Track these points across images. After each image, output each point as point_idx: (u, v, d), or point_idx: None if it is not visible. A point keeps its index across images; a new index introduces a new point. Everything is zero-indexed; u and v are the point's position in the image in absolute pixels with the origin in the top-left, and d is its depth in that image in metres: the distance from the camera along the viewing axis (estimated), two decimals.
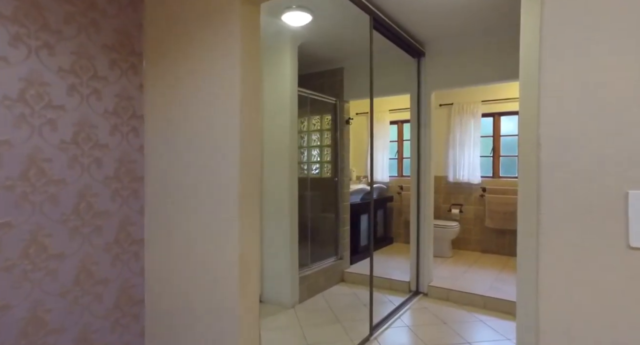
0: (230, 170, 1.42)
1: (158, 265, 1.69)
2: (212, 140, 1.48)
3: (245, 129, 1.42)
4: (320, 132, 4.10)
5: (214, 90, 1.47)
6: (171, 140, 1.62)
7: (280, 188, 3.14)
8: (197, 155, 1.54)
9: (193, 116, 1.55)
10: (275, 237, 3.18)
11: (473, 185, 4.84)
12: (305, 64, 4.01)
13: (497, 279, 3.61)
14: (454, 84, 3.33)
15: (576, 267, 0.78)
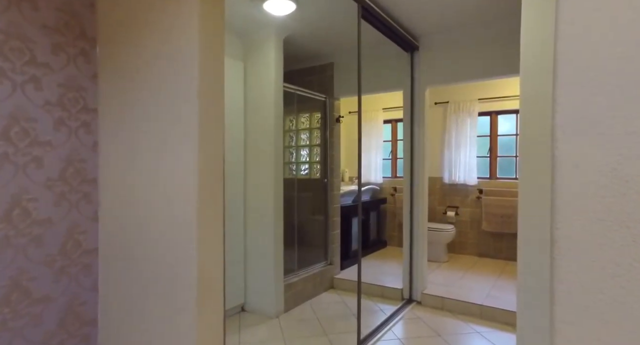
0: (186, 169, 1.22)
1: (115, 279, 1.48)
2: (169, 136, 1.28)
3: (205, 122, 1.22)
4: (309, 131, 3.90)
5: (171, 79, 1.27)
6: (129, 136, 1.42)
7: (265, 190, 2.94)
8: (154, 153, 1.34)
9: (149, 109, 1.35)
10: (258, 242, 2.98)
11: (469, 186, 4.66)
12: (293, 59, 3.81)
13: (494, 286, 3.43)
14: (450, 79, 3.14)
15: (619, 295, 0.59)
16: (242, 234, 3.01)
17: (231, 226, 2.92)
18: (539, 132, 1.88)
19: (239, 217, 2.98)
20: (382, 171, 5.22)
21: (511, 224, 4.32)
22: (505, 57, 2.89)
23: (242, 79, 3.00)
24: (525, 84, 1.93)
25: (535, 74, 1.91)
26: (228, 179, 2.88)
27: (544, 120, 1.84)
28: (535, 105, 1.89)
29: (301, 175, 3.85)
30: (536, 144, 1.89)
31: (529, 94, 1.92)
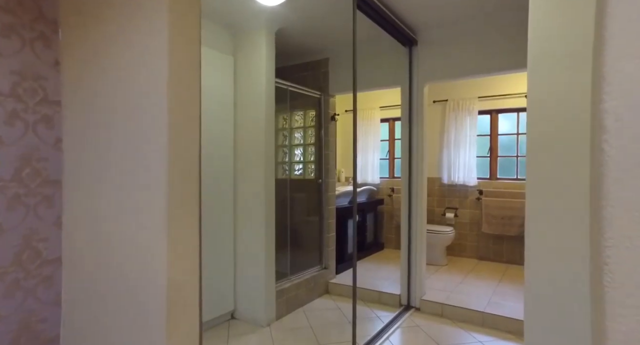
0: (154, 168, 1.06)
1: (80, 292, 1.32)
2: (136, 131, 1.12)
3: (176, 115, 1.06)
4: (303, 130, 3.74)
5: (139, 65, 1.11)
6: (95, 132, 1.26)
7: (255, 190, 2.78)
8: (121, 150, 1.17)
9: (115, 101, 1.18)
10: (249, 246, 2.82)
11: (469, 187, 4.51)
12: (286, 54, 3.65)
13: (496, 292, 3.28)
14: (450, 75, 3.00)
15: None
16: (232, 238, 2.85)
17: (220, 229, 2.76)
18: (548, 130, 1.73)
19: (228, 219, 2.82)
20: (379, 171, 5.07)
21: (512, 226, 4.18)
22: (508, 51, 2.74)
23: (231, 73, 2.84)
24: (533, 79, 1.78)
25: (546, 68, 1.76)
26: (216, 179, 2.71)
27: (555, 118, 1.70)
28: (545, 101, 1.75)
29: (295, 175, 3.70)
30: (546, 144, 1.75)
31: (537, 90, 1.78)
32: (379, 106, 5.02)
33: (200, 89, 1.17)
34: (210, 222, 2.65)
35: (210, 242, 2.65)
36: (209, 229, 2.63)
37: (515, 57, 2.71)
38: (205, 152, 2.69)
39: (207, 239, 2.62)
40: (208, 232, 2.63)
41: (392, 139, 5.15)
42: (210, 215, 2.65)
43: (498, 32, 2.78)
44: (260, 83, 2.77)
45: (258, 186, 2.77)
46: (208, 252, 2.63)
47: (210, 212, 2.65)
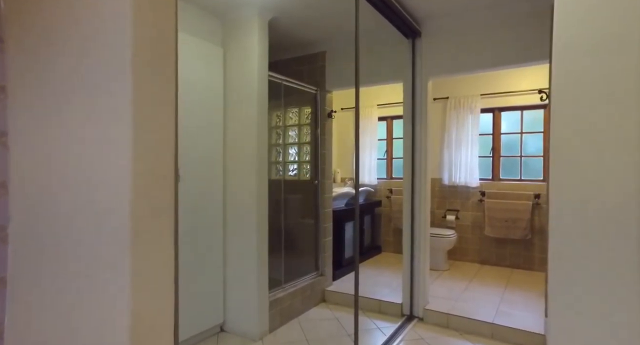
0: (116, 169, 0.84)
1: (27, 317, 1.09)
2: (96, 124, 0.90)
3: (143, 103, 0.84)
4: (298, 128, 3.53)
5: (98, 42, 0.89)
6: (47, 124, 1.03)
7: (246, 193, 2.56)
8: (76, 147, 0.95)
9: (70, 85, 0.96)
10: (239, 254, 2.60)
11: (471, 188, 4.33)
12: (280, 47, 3.44)
13: (504, 300, 3.09)
14: (456, 69, 2.80)
15: None
16: (221, 244, 2.63)
17: (208, 235, 2.53)
18: (578, 127, 1.54)
19: (217, 224, 2.59)
20: (377, 172, 4.87)
21: (516, 229, 4.01)
22: (520, 43, 2.55)
23: (221, 66, 2.62)
24: (559, 70, 1.58)
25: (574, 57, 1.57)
26: (204, 180, 2.48)
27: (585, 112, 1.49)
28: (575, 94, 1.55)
29: (289, 176, 3.48)
30: (575, 142, 1.55)
31: (564, 82, 1.58)
32: (376, 104, 4.82)
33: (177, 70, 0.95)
34: (197, 227, 2.42)
35: (197, 248, 2.42)
36: (195, 234, 2.41)
37: (528, 49, 2.52)
38: (192, 150, 2.48)
39: (194, 244, 2.39)
40: (195, 237, 2.40)
41: (390, 138, 4.95)
42: (198, 219, 2.43)
43: (509, 22, 2.59)
44: (252, 76, 2.55)
45: (250, 188, 2.55)
46: (195, 260, 2.40)
47: (198, 215, 2.43)
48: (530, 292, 3.30)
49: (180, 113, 2.39)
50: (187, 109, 2.34)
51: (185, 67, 2.32)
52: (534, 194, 3.99)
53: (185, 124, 2.31)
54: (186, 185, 2.32)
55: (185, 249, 2.32)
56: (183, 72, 2.30)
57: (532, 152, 4.16)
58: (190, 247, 2.37)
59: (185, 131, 2.32)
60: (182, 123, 2.27)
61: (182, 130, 2.28)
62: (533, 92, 4.00)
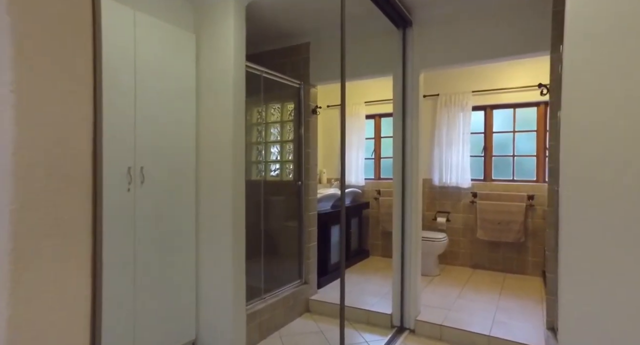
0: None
1: None
2: None
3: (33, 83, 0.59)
4: (280, 125, 3.28)
5: None
6: None
7: (221, 195, 2.31)
8: None
9: None
10: (214, 262, 2.34)
11: (462, 189, 4.15)
12: (260, 37, 3.19)
13: (499, 309, 2.90)
14: (450, 61, 2.60)
15: None
16: (193, 252, 2.36)
17: (178, 241, 2.26)
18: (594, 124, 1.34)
19: (188, 230, 2.33)
20: (364, 172, 4.66)
21: (509, 232, 3.84)
22: (517, 33, 2.37)
23: (192, 54, 2.36)
24: (573, 58, 1.38)
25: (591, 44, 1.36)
26: (173, 181, 2.22)
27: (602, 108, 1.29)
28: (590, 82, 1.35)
29: (271, 176, 3.23)
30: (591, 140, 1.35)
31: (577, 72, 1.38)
32: (364, 101, 4.61)
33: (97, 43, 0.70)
34: (165, 233, 2.15)
35: (165, 257, 2.15)
36: (163, 241, 2.14)
37: (527, 39, 2.34)
38: (159, 146, 2.20)
39: (161, 253, 2.12)
40: (162, 245, 2.13)
41: (378, 136, 4.74)
42: (166, 224, 2.16)
43: (507, 11, 2.40)
44: (228, 66, 2.30)
45: (225, 189, 2.30)
46: (163, 270, 2.13)
47: (166, 220, 2.16)
48: (526, 299, 3.12)
49: (144, 105, 2.14)
50: (152, 100, 2.07)
51: (151, 54, 2.06)
52: (528, 195, 3.83)
53: (148, 116, 2.04)
54: (151, 186, 2.05)
55: (151, 259, 2.06)
56: (149, 59, 2.04)
57: (524, 151, 4.00)
58: (157, 256, 2.10)
59: (149, 126, 2.05)
60: (145, 116, 2.01)
61: (145, 125, 2.01)
62: (526, 89, 3.85)
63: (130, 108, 1.94)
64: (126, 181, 1.92)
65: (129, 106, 1.93)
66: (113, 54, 1.85)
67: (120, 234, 1.89)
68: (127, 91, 1.92)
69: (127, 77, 1.92)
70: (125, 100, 1.91)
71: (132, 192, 1.95)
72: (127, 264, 1.93)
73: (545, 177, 3.85)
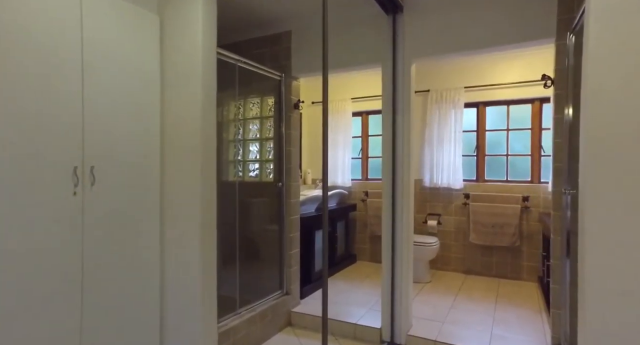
0: None
1: None
2: None
3: None
4: (260, 121, 3.00)
5: None
6: None
7: (189, 198, 2.02)
8: None
9: None
10: (181, 274, 2.05)
11: (454, 191, 3.94)
12: (238, 25, 2.91)
13: (496, 320, 2.69)
14: (445, 49, 2.36)
15: None
16: (157, 263, 2.07)
17: (140, 252, 1.97)
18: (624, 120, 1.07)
19: (152, 235, 2.04)
20: (351, 172, 4.41)
21: (503, 236, 3.64)
22: (517, 18, 2.15)
23: (156, 38, 2.07)
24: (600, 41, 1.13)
25: (621, 17, 1.11)
26: (133, 182, 1.92)
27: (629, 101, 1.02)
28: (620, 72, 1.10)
29: (250, 177, 2.95)
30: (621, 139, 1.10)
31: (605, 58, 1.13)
32: (350, 98, 4.37)
33: None
34: (124, 242, 1.86)
35: (124, 269, 1.86)
36: (122, 251, 1.84)
37: (528, 25, 2.12)
38: (116, 142, 1.88)
39: (120, 265, 1.82)
40: (122, 255, 1.84)
41: (365, 135, 4.50)
42: (125, 232, 1.86)
43: None
44: (196, 52, 2.02)
45: (193, 191, 2.01)
46: (119, 287, 1.84)
47: (126, 227, 1.87)
48: (523, 308, 2.92)
49: (95, 94, 1.79)
50: (106, 89, 1.78)
51: (103, 35, 1.76)
52: (522, 197, 3.63)
53: (101, 108, 1.75)
54: (104, 188, 1.76)
55: (103, 274, 1.76)
56: (99, 41, 1.74)
57: (518, 150, 3.81)
58: (111, 271, 1.80)
59: (102, 119, 1.76)
60: (97, 107, 1.71)
61: (96, 118, 1.72)
62: (520, 85, 3.66)
63: (75, 97, 1.64)
64: (71, 183, 1.62)
65: (74, 95, 1.63)
66: (50, 30, 1.55)
67: (62, 246, 1.59)
68: (71, 77, 1.62)
69: (71, 60, 1.62)
70: (70, 87, 1.61)
71: (79, 196, 1.65)
72: (73, 282, 1.63)
73: (540, 178, 3.66)
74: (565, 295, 1.98)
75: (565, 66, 2.01)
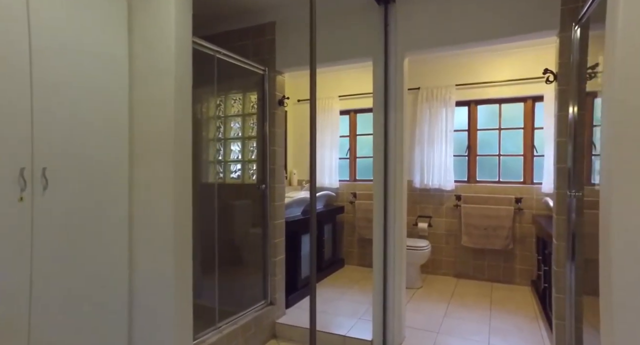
0: None
1: None
2: None
3: None
4: (242, 118, 2.81)
5: None
6: None
7: (160, 202, 1.81)
8: None
9: None
10: (152, 283, 1.84)
11: (445, 192, 3.81)
12: (218, 15, 2.71)
13: (493, 329, 2.55)
14: (441, 42, 2.21)
15: None
16: (126, 269, 1.85)
17: (106, 262, 1.75)
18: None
19: (120, 241, 1.82)
20: (339, 173, 4.24)
21: (496, 238, 3.53)
22: (517, 8, 2.00)
23: (124, 26, 1.85)
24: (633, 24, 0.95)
25: None
26: (97, 185, 1.70)
27: None
28: None
29: (232, 179, 2.75)
30: None
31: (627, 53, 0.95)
32: (338, 95, 4.20)
33: None
34: (84, 251, 1.64)
35: (88, 282, 1.64)
36: (83, 263, 1.62)
37: (529, 16, 1.98)
38: (77, 140, 1.56)
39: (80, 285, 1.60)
40: (81, 271, 1.62)
41: (353, 134, 4.34)
42: (84, 241, 1.65)
43: None
44: (168, 40, 1.81)
45: (165, 194, 1.80)
46: (81, 306, 1.61)
47: (84, 236, 1.65)
48: (519, 315, 2.79)
49: (48, 87, 1.46)
50: (62, 82, 1.56)
51: (57, 20, 1.54)
52: (515, 198, 3.52)
53: (56, 103, 1.53)
54: (60, 193, 1.54)
55: (60, 291, 1.54)
56: (57, 28, 1.52)
57: (511, 150, 3.70)
58: (69, 289, 1.59)
59: (57, 115, 1.54)
60: (49, 102, 1.49)
61: (49, 113, 1.49)
62: (512, 83, 3.55)
63: (22, 90, 1.41)
64: (17, 187, 1.40)
65: (20, 87, 1.41)
66: None
67: (3, 264, 1.36)
68: (16, 64, 1.40)
69: (17, 49, 1.40)
70: (14, 76, 1.39)
71: (27, 202, 1.43)
72: (18, 307, 1.41)
73: (533, 179, 3.56)
74: (569, 305, 1.84)
75: (570, 60, 1.87)
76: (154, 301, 1.83)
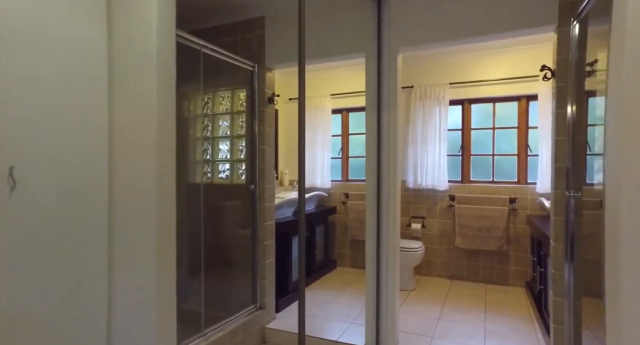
0: None
1: None
2: None
3: None
4: (230, 116, 2.71)
5: None
6: None
7: (142, 204, 1.72)
8: None
9: None
10: (132, 294, 1.74)
11: (438, 192, 3.75)
12: (203, 8, 2.61)
13: (488, 332, 2.49)
14: (436, 37, 2.14)
15: None
16: (105, 273, 1.75)
17: (83, 267, 1.65)
18: None
19: (99, 245, 1.72)
20: (331, 173, 4.16)
21: (490, 239, 3.47)
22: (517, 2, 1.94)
23: (102, 18, 1.75)
24: None
25: None
26: (75, 186, 1.60)
27: None
28: None
29: (220, 179, 2.66)
30: None
31: None
32: (329, 94, 4.12)
33: None
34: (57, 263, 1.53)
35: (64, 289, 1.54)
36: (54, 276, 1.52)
37: (526, 11, 1.92)
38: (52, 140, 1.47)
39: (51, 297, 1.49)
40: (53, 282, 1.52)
41: (345, 133, 4.26)
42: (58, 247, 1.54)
43: None
44: (150, 33, 1.71)
45: (148, 196, 1.71)
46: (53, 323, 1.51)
47: (58, 241, 1.55)
48: (514, 317, 2.74)
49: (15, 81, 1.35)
50: (32, 76, 1.45)
51: (40, 15, 1.44)
52: (510, 199, 3.48)
53: (25, 98, 1.43)
54: (31, 195, 1.44)
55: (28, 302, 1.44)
56: (36, 21, 1.42)
57: (505, 150, 3.66)
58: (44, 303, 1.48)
59: (26, 111, 1.43)
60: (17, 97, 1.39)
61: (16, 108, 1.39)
62: (506, 82, 3.50)
63: None
64: None
65: None
66: None
67: None
68: None
69: None
70: None
71: None
72: None
73: (527, 179, 3.52)
74: (568, 309, 1.79)
75: (568, 57, 1.81)
76: (134, 307, 1.73)
